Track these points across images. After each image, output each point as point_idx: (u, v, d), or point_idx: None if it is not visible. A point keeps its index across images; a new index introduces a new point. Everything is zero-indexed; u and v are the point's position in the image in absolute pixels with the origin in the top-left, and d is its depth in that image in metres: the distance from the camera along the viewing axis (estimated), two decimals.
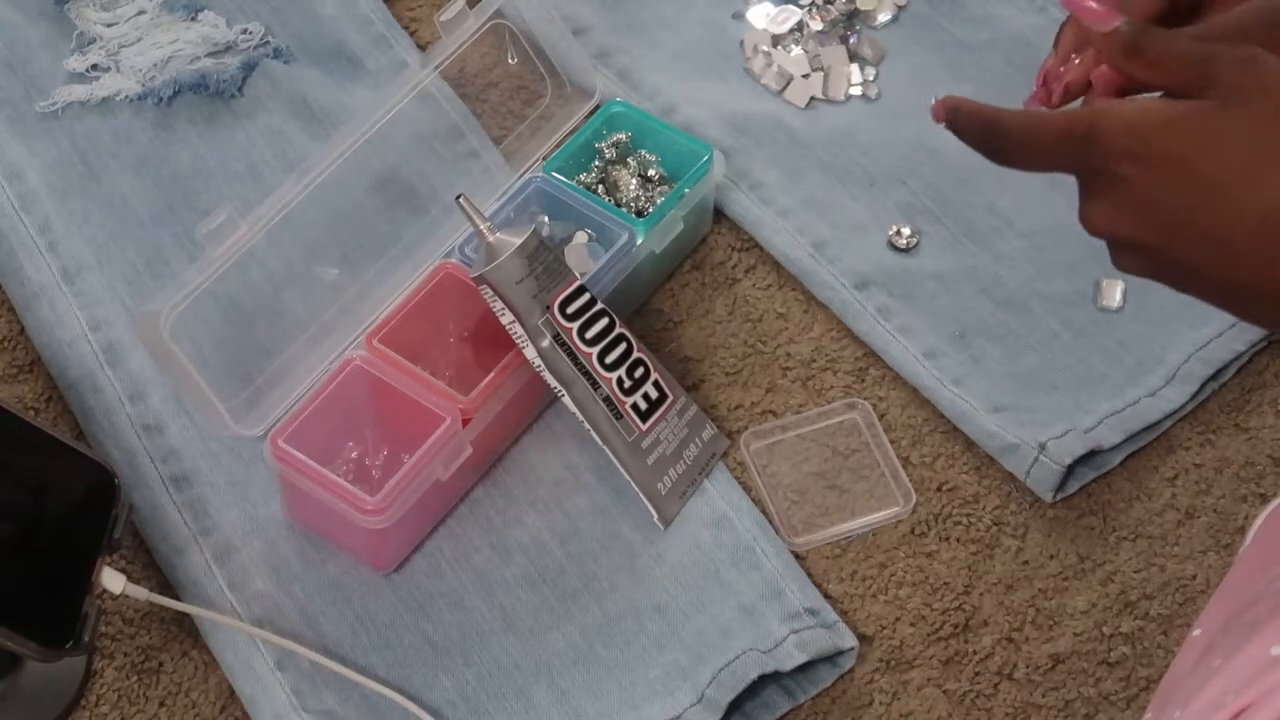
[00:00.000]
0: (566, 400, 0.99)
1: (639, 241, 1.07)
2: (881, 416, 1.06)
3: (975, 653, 0.98)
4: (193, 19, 1.22)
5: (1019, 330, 1.09)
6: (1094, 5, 0.84)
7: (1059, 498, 1.03)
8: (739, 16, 1.24)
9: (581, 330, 0.99)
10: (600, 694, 0.96)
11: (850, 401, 1.06)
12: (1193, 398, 1.06)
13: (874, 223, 1.13)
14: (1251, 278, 0.77)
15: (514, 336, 0.98)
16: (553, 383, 0.98)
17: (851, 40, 1.22)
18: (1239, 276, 0.77)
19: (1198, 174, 0.77)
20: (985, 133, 0.88)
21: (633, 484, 1.00)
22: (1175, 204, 0.78)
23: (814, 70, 1.21)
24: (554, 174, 1.09)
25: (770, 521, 1.02)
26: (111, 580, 0.91)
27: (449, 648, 0.98)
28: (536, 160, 1.12)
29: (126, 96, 1.19)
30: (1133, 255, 0.82)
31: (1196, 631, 0.78)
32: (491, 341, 1.01)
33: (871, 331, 1.09)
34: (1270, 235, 0.75)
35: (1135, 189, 0.79)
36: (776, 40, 1.22)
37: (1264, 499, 1.03)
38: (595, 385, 0.99)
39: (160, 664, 0.98)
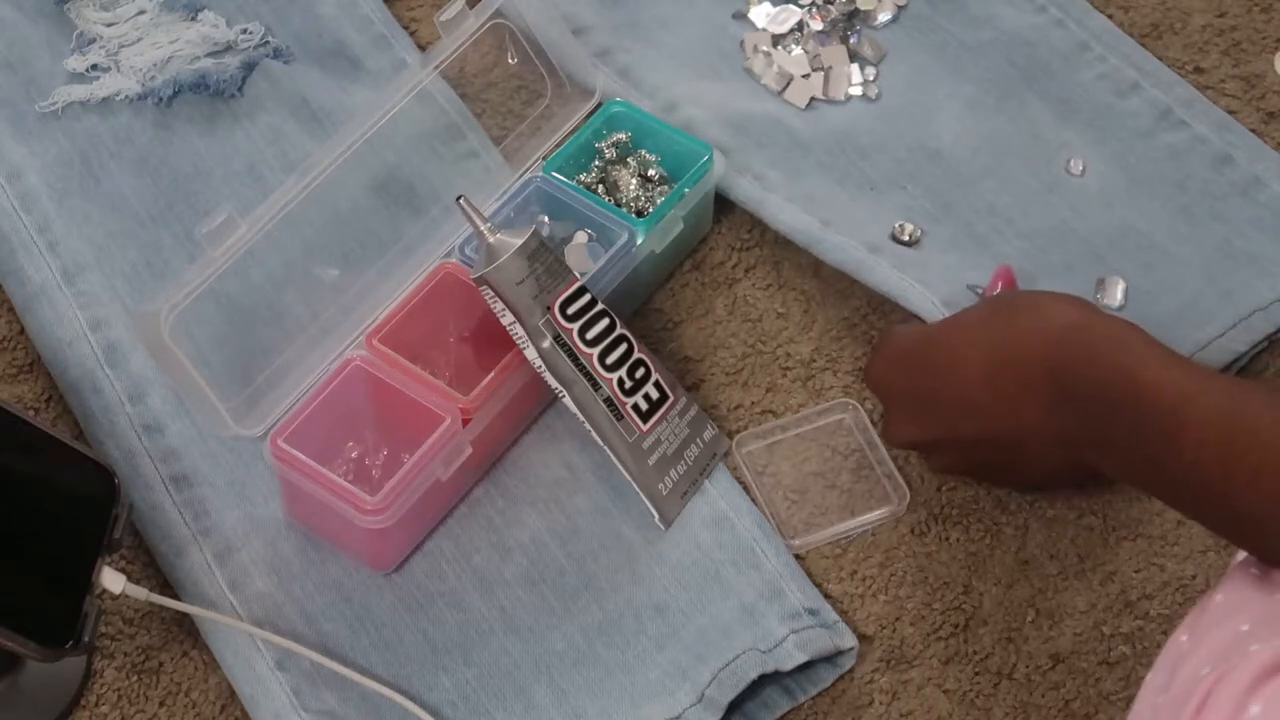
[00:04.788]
0: (567, 401, 0.99)
1: (639, 241, 1.07)
2: (882, 416, 1.06)
3: (975, 652, 0.98)
4: (193, 19, 1.22)
5: None
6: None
7: (1059, 497, 1.03)
8: (739, 16, 1.24)
9: (582, 331, 0.99)
10: (600, 694, 0.96)
11: (842, 402, 1.06)
12: None
13: (875, 224, 1.13)
14: (1000, 426, 0.93)
15: (515, 337, 0.98)
16: (553, 383, 0.98)
17: (851, 40, 1.22)
18: (988, 431, 0.94)
19: (933, 362, 0.95)
20: None
21: (634, 484, 1.00)
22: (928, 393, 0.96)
23: (814, 70, 1.21)
24: (554, 174, 1.09)
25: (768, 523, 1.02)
26: (111, 580, 0.91)
27: (449, 648, 0.98)
28: (536, 160, 1.12)
29: (126, 96, 1.19)
30: (933, 454, 1.01)
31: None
32: (491, 341, 1.01)
33: (888, 280, 1.08)
34: (992, 377, 0.91)
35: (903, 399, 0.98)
36: (777, 40, 1.22)
37: None
38: (596, 386, 0.99)
39: (160, 664, 0.98)
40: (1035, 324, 0.91)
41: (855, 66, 1.21)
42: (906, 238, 1.11)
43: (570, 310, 0.98)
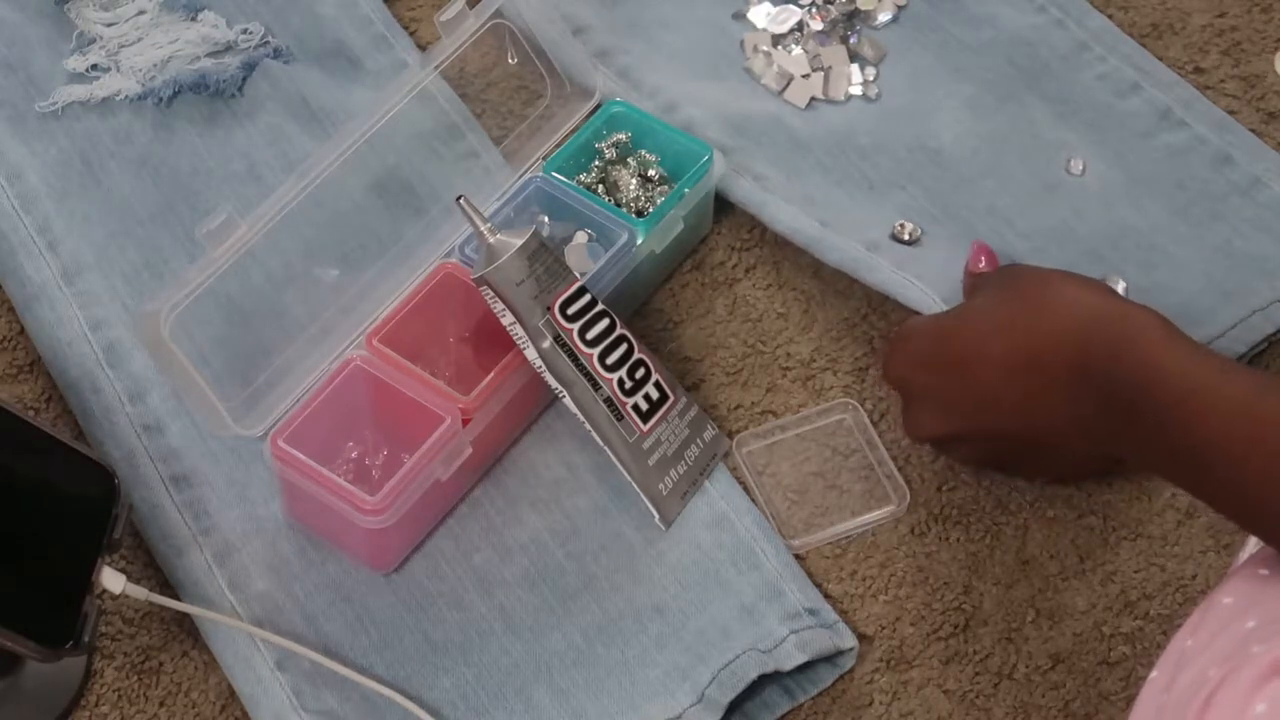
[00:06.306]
0: (567, 401, 0.99)
1: (639, 241, 1.07)
2: (883, 416, 1.06)
3: (975, 652, 0.98)
4: (193, 19, 1.22)
5: None
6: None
7: (1059, 497, 1.03)
8: (739, 16, 1.24)
9: (582, 331, 0.99)
10: (600, 694, 0.96)
11: (842, 402, 1.06)
12: None
13: (874, 224, 1.13)
14: (1023, 419, 0.93)
15: (515, 337, 0.98)
16: (554, 384, 0.98)
17: (851, 40, 1.22)
18: (1011, 424, 0.94)
19: (954, 357, 0.95)
20: None
21: (634, 485, 1.00)
22: (948, 383, 0.96)
23: (814, 70, 1.21)
24: (554, 174, 1.09)
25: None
26: (111, 580, 0.91)
27: (449, 648, 0.98)
28: (536, 160, 1.12)
29: (126, 96, 1.19)
30: (955, 447, 1.01)
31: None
32: (491, 341, 1.01)
33: (888, 279, 1.08)
34: (1014, 371, 0.91)
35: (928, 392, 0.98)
36: (777, 40, 1.22)
37: None
38: (596, 386, 0.99)
39: (160, 664, 0.98)
40: (1057, 316, 0.90)
41: (855, 66, 1.21)
42: (907, 237, 1.11)
43: (570, 310, 0.98)
